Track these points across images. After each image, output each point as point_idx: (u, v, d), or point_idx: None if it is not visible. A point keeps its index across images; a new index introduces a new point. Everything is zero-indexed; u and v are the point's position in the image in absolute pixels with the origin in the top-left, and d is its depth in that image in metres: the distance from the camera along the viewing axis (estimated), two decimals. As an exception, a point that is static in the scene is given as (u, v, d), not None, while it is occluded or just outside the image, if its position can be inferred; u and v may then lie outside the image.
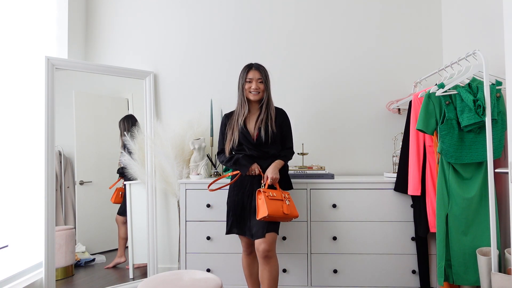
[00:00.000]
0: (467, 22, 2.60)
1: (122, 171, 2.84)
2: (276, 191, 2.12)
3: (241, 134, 2.23)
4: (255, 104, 2.29)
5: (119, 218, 2.86)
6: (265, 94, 2.25)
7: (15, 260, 2.46)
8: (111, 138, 2.89)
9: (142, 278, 2.82)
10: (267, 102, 2.26)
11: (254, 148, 2.23)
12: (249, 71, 2.25)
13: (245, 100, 2.24)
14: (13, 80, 2.51)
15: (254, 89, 2.22)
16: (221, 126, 2.37)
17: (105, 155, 2.88)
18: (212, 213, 2.60)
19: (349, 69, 3.06)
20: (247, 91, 2.24)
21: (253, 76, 2.23)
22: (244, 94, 2.24)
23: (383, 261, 2.52)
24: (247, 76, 2.23)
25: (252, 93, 2.23)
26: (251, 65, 2.28)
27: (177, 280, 1.76)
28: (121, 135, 2.87)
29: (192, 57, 3.14)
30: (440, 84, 2.16)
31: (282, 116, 2.32)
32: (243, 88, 2.24)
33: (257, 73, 2.24)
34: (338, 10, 3.09)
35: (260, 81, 2.23)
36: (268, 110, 2.25)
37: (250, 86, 2.23)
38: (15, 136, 2.52)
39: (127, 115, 2.93)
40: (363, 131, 3.03)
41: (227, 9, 3.13)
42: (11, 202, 2.47)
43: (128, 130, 2.87)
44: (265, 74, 2.26)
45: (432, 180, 2.33)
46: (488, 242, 2.06)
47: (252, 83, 2.22)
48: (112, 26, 3.18)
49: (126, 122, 2.89)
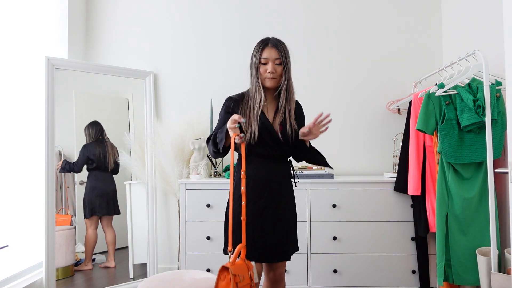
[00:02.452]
0: (467, 22, 2.60)
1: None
2: (243, 266, 1.49)
3: (264, 127, 1.71)
4: (271, 90, 1.79)
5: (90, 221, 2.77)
6: (284, 79, 1.74)
7: (15, 260, 2.46)
8: (111, 138, 2.89)
9: (142, 278, 2.82)
10: (286, 89, 1.75)
11: (277, 147, 1.76)
12: (265, 48, 1.73)
13: (259, 86, 1.73)
14: (13, 80, 2.51)
15: (270, 73, 1.71)
16: (224, 110, 1.80)
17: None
18: (212, 213, 2.60)
19: (349, 69, 3.06)
20: (262, 75, 1.74)
21: (269, 56, 1.72)
22: (259, 78, 1.74)
23: (383, 261, 2.52)
24: (262, 55, 1.72)
25: (267, 78, 1.73)
26: (267, 40, 1.75)
27: (177, 280, 1.76)
28: (87, 138, 2.76)
29: (192, 57, 3.14)
30: (440, 84, 2.16)
31: (300, 110, 1.90)
32: (257, 70, 1.74)
33: (275, 52, 1.72)
34: (338, 10, 3.08)
35: (278, 63, 1.73)
36: (288, 101, 1.77)
37: (266, 69, 1.72)
38: (15, 136, 2.52)
39: (92, 121, 2.81)
40: (363, 131, 3.03)
41: (227, 9, 3.13)
42: (11, 202, 2.47)
43: (94, 136, 2.78)
44: (285, 52, 1.74)
45: (432, 180, 2.33)
46: (487, 242, 2.06)
47: (267, 65, 1.72)
48: (112, 26, 3.18)
49: (91, 128, 2.79)
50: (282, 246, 1.72)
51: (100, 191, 2.81)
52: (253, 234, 1.66)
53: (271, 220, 1.71)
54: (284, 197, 1.77)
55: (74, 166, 2.71)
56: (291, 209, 1.80)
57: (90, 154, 2.76)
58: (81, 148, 2.73)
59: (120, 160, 2.85)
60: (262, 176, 1.73)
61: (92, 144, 2.77)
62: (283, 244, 1.73)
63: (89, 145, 2.77)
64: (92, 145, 2.78)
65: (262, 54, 1.72)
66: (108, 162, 2.82)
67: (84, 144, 2.75)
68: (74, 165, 2.71)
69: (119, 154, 2.86)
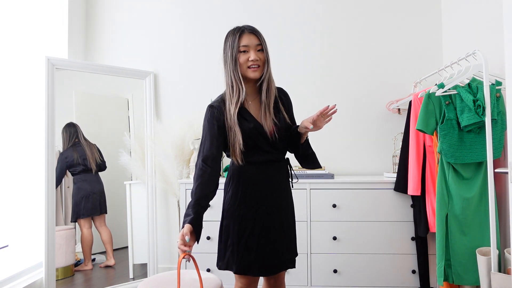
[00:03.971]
0: (467, 22, 2.60)
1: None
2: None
3: (253, 129, 1.54)
4: (251, 83, 1.60)
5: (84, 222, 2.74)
6: (266, 67, 1.56)
7: (15, 260, 2.46)
8: (111, 138, 2.89)
9: (142, 278, 2.82)
10: (268, 79, 1.58)
11: (273, 149, 1.59)
12: (242, 35, 1.53)
13: (240, 79, 1.53)
14: (13, 80, 2.51)
15: (254, 61, 1.52)
16: (207, 121, 1.61)
17: (105, 155, 2.87)
18: (212, 213, 2.59)
19: (349, 69, 3.05)
20: (243, 65, 1.53)
21: (250, 42, 1.52)
22: (238, 70, 1.53)
23: (383, 261, 2.52)
24: (240, 42, 1.52)
25: (251, 68, 1.53)
26: (242, 27, 1.55)
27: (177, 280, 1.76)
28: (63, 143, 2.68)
29: (192, 57, 3.14)
30: (440, 84, 2.16)
31: (286, 97, 1.72)
32: (235, 61, 1.52)
33: (254, 38, 1.53)
34: (337, 11, 3.08)
35: (260, 49, 1.54)
36: (270, 91, 1.59)
37: (248, 58, 1.52)
38: (15, 136, 2.52)
39: (68, 123, 2.72)
40: (363, 131, 3.03)
41: (227, 9, 3.13)
42: (11, 202, 2.47)
43: (69, 140, 2.70)
44: (264, 39, 1.57)
45: (432, 180, 2.33)
46: (487, 242, 2.06)
47: (249, 53, 1.52)
48: (112, 26, 3.17)
49: (66, 132, 2.70)
50: (288, 253, 1.64)
51: (86, 192, 2.77)
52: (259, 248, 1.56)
53: (275, 230, 1.60)
54: (285, 202, 1.67)
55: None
56: (292, 214, 1.72)
57: (69, 160, 2.70)
58: (59, 156, 2.64)
59: (120, 160, 2.84)
60: (260, 188, 1.59)
61: (69, 149, 2.70)
62: (290, 251, 1.65)
63: (66, 152, 2.69)
64: (69, 150, 2.70)
65: (241, 42, 1.51)
66: (90, 164, 2.77)
67: (60, 152, 2.65)
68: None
69: (100, 151, 2.80)
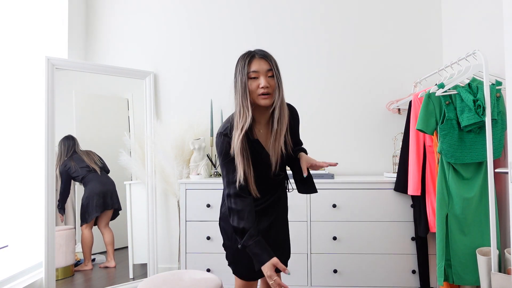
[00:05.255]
0: (467, 22, 2.60)
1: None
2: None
3: (262, 162, 1.52)
4: (263, 109, 1.54)
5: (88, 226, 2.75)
6: (277, 94, 1.49)
7: (15, 260, 2.46)
8: (111, 138, 2.89)
9: (142, 278, 2.82)
10: (280, 106, 1.50)
11: (273, 176, 1.58)
12: (252, 60, 1.48)
13: (247, 106, 1.45)
14: (13, 80, 2.51)
15: (264, 88, 1.46)
16: (224, 151, 1.49)
17: (105, 155, 2.88)
18: (212, 213, 2.60)
19: (349, 69, 3.05)
20: (254, 92, 1.47)
21: (259, 68, 1.47)
22: (247, 97, 1.46)
23: (383, 261, 2.52)
24: (250, 68, 1.47)
25: (262, 95, 1.47)
26: (253, 52, 1.51)
27: (177, 280, 1.76)
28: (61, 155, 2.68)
29: (192, 57, 3.14)
30: (440, 84, 2.16)
31: (295, 116, 1.69)
32: (245, 88, 1.46)
33: (265, 63, 1.48)
34: (337, 10, 3.08)
35: (271, 75, 1.49)
36: (282, 120, 1.51)
37: (258, 84, 1.46)
38: (15, 136, 2.52)
39: (66, 136, 2.69)
40: (363, 131, 3.03)
41: (227, 9, 3.13)
42: (11, 202, 2.47)
43: (67, 152, 2.70)
44: (275, 63, 1.52)
45: (432, 180, 2.33)
46: (488, 242, 2.06)
47: (259, 79, 1.47)
48: (112, 26, 3.18)
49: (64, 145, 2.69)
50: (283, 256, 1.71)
51: (98, 190, 2.78)
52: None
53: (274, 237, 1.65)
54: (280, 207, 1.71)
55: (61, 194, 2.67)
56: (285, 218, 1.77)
57: (69, 171, 2.70)
58: (60, 170, 2.65)
59: (120, 160, 2.84)
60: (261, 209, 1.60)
61: (66, 160, 2.70)
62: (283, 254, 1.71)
63: (64, 163, 2.69)
64: (67, 161, 2.70)
65: (251, 67, 1.47)
66: (91, 166, 2.78)
67: (59, 166, 2.65)
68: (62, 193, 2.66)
69: (99, 156, 2.82)
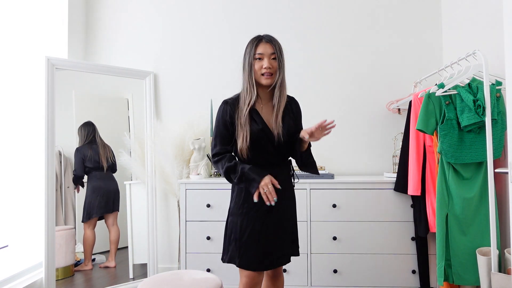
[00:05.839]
0: (467, 22, 2.60)
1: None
2: None
3: (261, 131, 1.68)
4: (264, 88, 1.74)
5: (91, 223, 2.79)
6: (278, 74, 1.70)
7: (15, 260, 2.46)
8: (111, 138, 2.89)
9: (142, 278, 2.82)
10: (280, 85, 1.71)
11: (276, 152, 1.72)
12: (259, 44, 1.69)
13: (253, 84, 1.68)
14: (13, 80, 2.51)
15: (267, 69, 1.67)
16: (221, 117, 1.74)
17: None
18: (212, 213, 2.60)
19: (349, 69, 3.06)
20: (257, 72, 1.68)
21: (264, 51, 1.68)
22: (253, 76, 1.68)
23: (383, 261, 2.52)
24: (256, 50, 1.68)
25: (264, 75, 1.68)
26: (261, 36, 1.72)
27: (177, 280, 1.76)
28: (80, 140, 2.76)
29: (192, 57, 3.14)
30: (440, 84, 2.16)
31: (297, 106, 1.85)
32: (250, 67, 1.68)
33: (270, 47, 1.69)
34: (337, 10, 3.08)
35: (274, 58, 1.69)
36: (282, 97, 1.72)
37: (261, 65, 1.67)
38: (15, 136, 2.52)
39: (85, 122, 2.78)
40: (363, 131, 3.03)
41: (228, 9, 3.13)
42: (11, 202, 2.47)
43: (86, 138, 2.77)
44: (279, 47, 1.72)
45: (432, 180, 2.33)
46: (488, 242, 2.06)
47: (263, 60, 1.67)
48: (112, 26, 3.17)
49: (84, 130, 2.78)
50: (290, 248, 1.78)
51: (101, 191, 2.81)
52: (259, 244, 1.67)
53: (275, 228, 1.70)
54: (287, 201, 1.77)
55: (75, 175, 2.74)
56: (293, 212, 1.83)
57: (83, 156, 2.75)
58: (74, 152, 2.73)
59: (120, 160, 2.84)
60: None
61: (84, 146, 2.76)
62: (291, 246, 1.78)
63: (81, 148, 2.75)
64: (85, 147, 2.76)
65: (257, 50, 1.68)
66: (102, 162, 2.81)
67: (76, 147, 2.73)
68: (75, 174, 2.74)
69: (113, 153, 2.85)
